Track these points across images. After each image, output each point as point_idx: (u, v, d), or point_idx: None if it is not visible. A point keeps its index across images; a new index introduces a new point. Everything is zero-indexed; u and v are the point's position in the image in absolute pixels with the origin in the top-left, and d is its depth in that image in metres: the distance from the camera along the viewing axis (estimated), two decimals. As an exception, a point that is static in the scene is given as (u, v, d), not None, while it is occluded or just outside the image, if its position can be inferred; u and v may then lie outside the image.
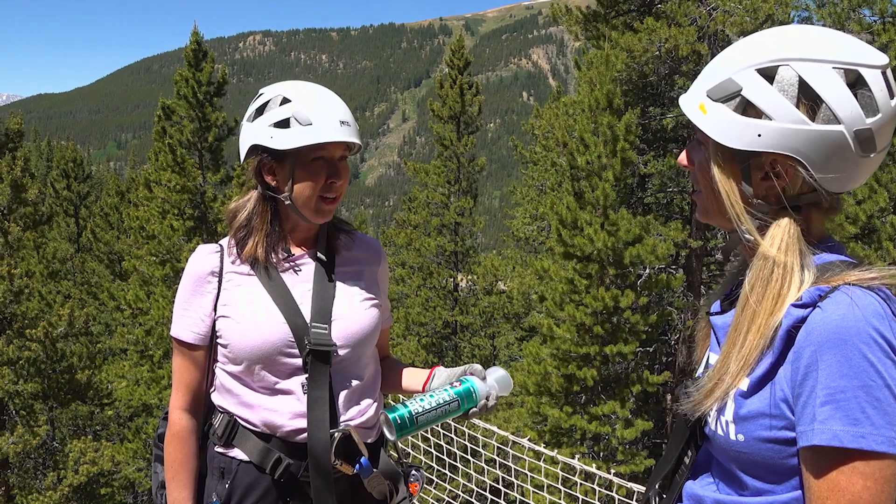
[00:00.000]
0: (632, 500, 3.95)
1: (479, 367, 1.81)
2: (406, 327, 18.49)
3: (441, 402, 1.72)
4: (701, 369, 1.31)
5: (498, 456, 4.65)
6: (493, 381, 1.81)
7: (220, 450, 1.81)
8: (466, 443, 4.77)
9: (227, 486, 1.77)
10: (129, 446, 13.94)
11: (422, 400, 1.71)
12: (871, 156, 1.09)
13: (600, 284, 10.27)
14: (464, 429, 4.81)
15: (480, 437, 4.93)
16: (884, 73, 1.08)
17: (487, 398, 1.77)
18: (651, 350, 11.72)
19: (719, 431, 1.16)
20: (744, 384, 1.12)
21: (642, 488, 3.56)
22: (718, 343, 1.23)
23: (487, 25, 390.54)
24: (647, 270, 11.03)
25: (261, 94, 1.80)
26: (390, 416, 1.67)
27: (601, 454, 10.66)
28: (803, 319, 1.05)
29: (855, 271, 1.08)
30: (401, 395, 1.96)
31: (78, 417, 15.80)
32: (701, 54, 11.27)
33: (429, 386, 1.87)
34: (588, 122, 10.40)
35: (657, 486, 1.35)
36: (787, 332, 1.07)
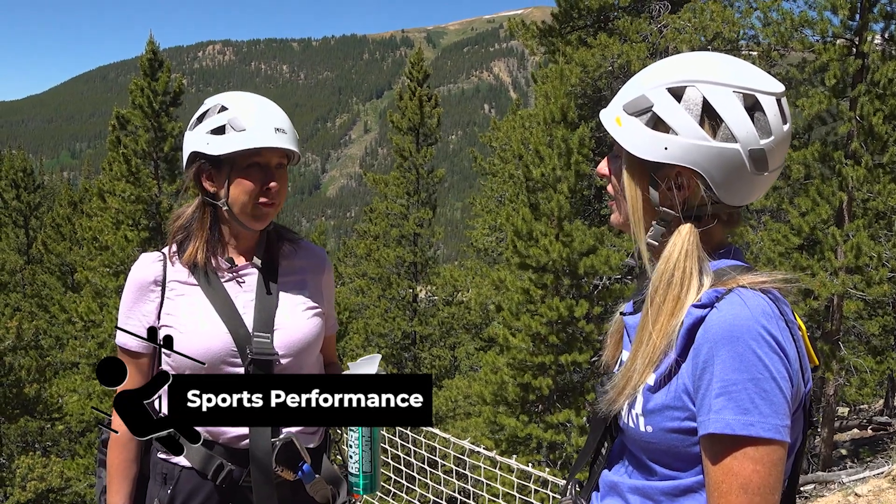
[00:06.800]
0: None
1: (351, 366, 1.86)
2: (366, 338, 18.43)
3: (365, 437, 1.81)
4: (616, 367, 1.40)
5: (457, 465, 4.68)
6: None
7: (162, 456, 1.82)
8: (425, 453, 4.79)
9: (168, 491, 1.78)
10: (81, 462, 13.59)
11: (352, 457, 1.81)
12: (764, 174, 1.19)
13: (555, 294, 10.39)
14: (422, 439, 4.83)
15: (438, 447, 4.94)
16: (779, 101, 1.19)
17: None
18: (606, 359, 11.84)
19: (630, 424, 1.24)
20: (651, 379, 1.20)
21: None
22: (631, 341, 1.32)
23: (449, 38, 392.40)
24: (602, 280, 11.21)
25: (203, 104, 1.84)
26: (359, 492, 1.81)
27: (557, 463, 10.76)
28: (702, 319, 1.14)
29: (748, 275, 1.18)
30: (340, 457, 2.04)
31: (27, 433, 15.38)
32: (653, 70, 11.53)
33: None
34: (543, 135, 10.55)
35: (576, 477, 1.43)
36: (688, 331, 1.15)
